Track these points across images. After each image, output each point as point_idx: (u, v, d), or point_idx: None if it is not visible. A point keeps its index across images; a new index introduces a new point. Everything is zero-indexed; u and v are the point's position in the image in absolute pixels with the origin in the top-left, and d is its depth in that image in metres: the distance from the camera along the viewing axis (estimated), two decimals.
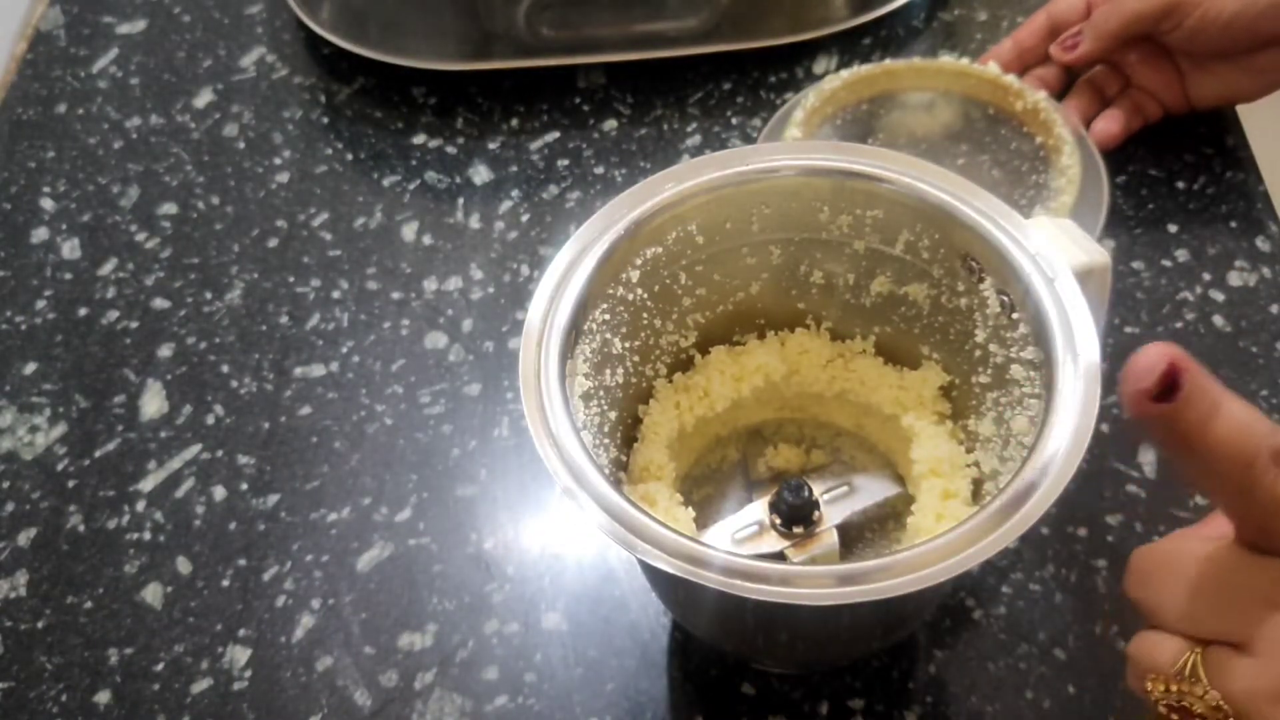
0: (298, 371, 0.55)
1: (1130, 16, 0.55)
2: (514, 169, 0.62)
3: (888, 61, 0.58)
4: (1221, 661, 0.30)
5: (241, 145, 0.64)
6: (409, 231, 0.60)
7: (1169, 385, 0.29)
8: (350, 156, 0.63)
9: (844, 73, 0.58)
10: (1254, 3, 0.52)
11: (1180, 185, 0.58)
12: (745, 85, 0.65)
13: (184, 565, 0.49)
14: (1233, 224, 0.56)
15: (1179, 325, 0.53)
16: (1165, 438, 0.31)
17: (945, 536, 0.32)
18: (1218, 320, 0.53)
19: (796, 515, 0.40)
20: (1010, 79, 0.56)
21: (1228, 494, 0.31)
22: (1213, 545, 0.32)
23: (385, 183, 0.62)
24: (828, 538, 0.40)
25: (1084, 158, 0.53)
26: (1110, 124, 0.57)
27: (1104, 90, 0.58)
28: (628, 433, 0.43)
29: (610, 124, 0.64)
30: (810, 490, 0.40)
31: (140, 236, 0.61)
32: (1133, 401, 0.30)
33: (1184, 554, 0.32)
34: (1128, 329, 0.52)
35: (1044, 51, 0.59)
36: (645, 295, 0.41)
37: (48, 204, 0.62)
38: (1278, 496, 0.30)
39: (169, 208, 0.62)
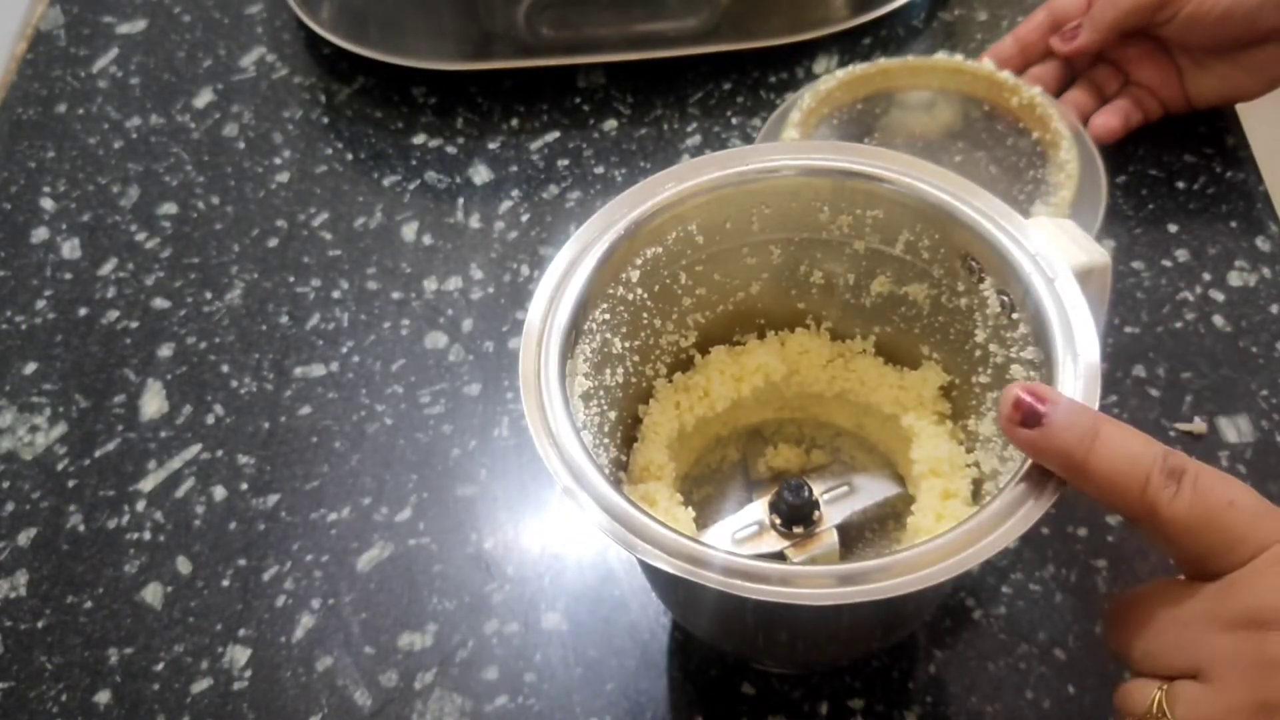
0: (298, 371, 0.55)
1: (1128, 6, 0.55)
2: (514, 169, 0.62)
3: (883, 60, 0.58)
4: (1181, 694, 0.30)
5: (241, 145, 0.64)
6: (409, 231, 0.60)
7: (1027, 412, 0.31)
8: (350, 156, 0.63)
9: (839, 72, 0.57)
10: None
11: (1180, 185, 0.58)
12: (745, 85, 0.65)
13: (184, 565, 0.49)
14: (1233, 224, 0.56)
15: (1179, 325, 0.52)
16: (1058, 468, 0.32)
17: (945, 536, 0.32)
18: (1218, 320, 0.53)
19: (796, 515, 0.40)
20: (1005, 75, 0.56)
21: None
22: (1164, 582, 0.33)
23: (385, 183, 0.62)
24: (828, 538, 0.40)
25: (1081, 153, 0.53)
26: (1110, 118, 0.57)
27: (1103, 89, 0.58)
28: (628, 433, 0.43)
29: (610, 124, 0.64)
30: (810, 490, 0.40)
31: (140, 236, 0.61)
32: (1006, 432, 0.32)
33: (1143, 596, 0.33)
34: (1128, 329, 0.52)
35: (1045, 48, 0.59)
36: (645, 295, 0.41)
37: (48, 204, 0.62)
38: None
39: (169, 208, 0.62)
